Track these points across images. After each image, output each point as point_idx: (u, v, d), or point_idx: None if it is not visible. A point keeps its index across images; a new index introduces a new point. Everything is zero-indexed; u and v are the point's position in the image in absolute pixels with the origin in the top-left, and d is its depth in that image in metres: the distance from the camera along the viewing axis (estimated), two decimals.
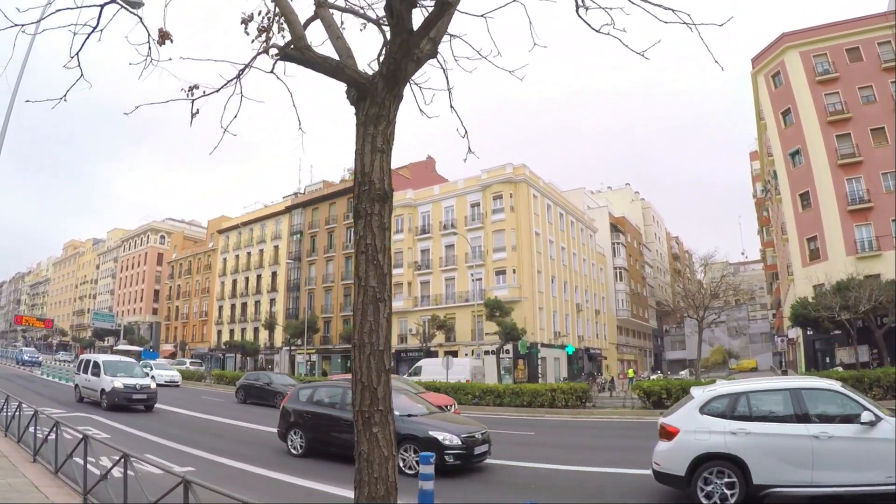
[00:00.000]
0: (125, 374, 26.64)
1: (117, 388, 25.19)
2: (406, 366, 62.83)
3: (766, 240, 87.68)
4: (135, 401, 25.76)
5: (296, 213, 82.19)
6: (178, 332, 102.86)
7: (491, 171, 62.47)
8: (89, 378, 27.05)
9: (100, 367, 26.46)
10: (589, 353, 72.96)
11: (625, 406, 29.44)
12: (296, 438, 15.94)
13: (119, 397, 25.18)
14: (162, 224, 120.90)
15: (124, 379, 25.87)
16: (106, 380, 25.60)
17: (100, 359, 27.85)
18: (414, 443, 13.50)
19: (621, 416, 26.95)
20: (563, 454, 16.46)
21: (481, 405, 31.53)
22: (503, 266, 59.42)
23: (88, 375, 27.25)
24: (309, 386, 17.89)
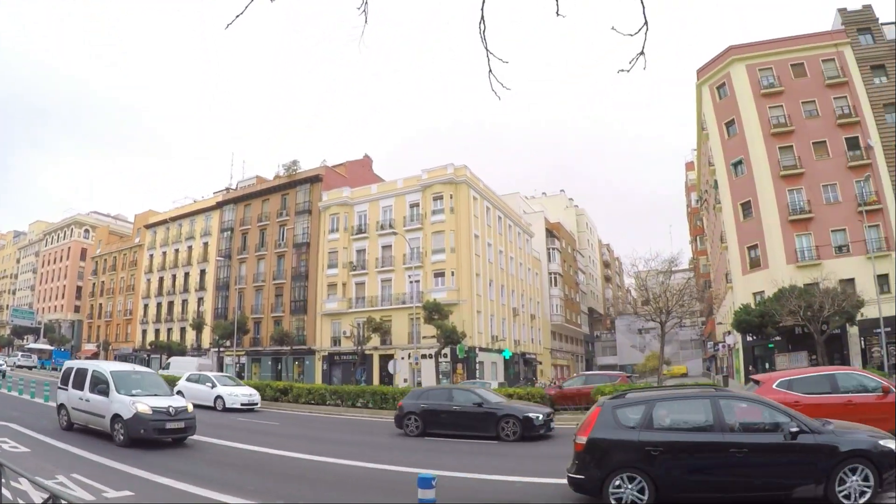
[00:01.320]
0: (146, 390, 18.21)
1: (143, 413, 16.52)
2: (339, 369, 60.39)
3: (700, 248, 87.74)
4: (169, 431, 17.32)
5: (227, 208, 77.92)
6: (101, 331, 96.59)
7: (432, 171, 60.03)
8: (88, 397, 18.22)
9: (108, 383, 17.66)
10: (525, 358, 70.84)
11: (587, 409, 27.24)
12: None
13: (147, 427, 16.58)
14: (87, 217, 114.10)
15: (150, 399, 17.30)
16: (121, 401, 17.01)
17: (104, 369, 18.66)
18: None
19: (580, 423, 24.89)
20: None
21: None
22: (442, 268, 56.82)
23: (86, 393, 18.33)
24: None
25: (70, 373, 20.14)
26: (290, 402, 36.21)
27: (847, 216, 47.44)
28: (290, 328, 65.17)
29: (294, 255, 68.18)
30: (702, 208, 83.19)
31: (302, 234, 67.90)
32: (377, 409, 31.93)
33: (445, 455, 17.53)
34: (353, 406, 33.47)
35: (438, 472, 11.05)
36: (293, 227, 69.07)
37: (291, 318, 66.85)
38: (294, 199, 70.28)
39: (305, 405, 35.04)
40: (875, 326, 39.03)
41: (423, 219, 59.26)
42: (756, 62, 53.66)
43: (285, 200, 71.65)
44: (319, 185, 68.20)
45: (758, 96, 52.53)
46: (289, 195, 71.35)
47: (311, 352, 63.89)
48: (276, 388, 38.16)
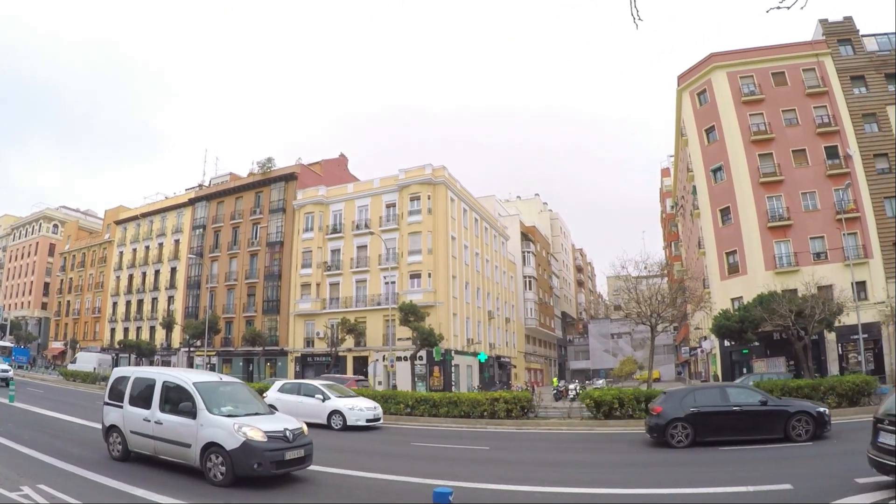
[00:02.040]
0: (242, 407, 13.36)
1: (256, 441, 11.76)
2: (312, 371, 59.08)
3: (675, 254, 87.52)
4: (288, 463, 12.29)
5: (199, 205, 75.93)
6: (68, 328, 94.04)
7: (409, 171, 58.78)
8: (159, 418, 13.04)
9: (193, 399, 12.57)
10: (500, 362, 69.72)
11: (570, 416, 26.38)
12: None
13: (263, 460, 11.71)
14: (56, 212, 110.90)
15: (257, 421, 12.55)
16: (219, 424, 12.11)
17: (183, 379, 13.32)
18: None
19: (570, 428, 24.34)
20: (542, 473, 14.69)
21: (414, 415, 28.18)
22: (418, 269, 55.59)
23: (154, 412, 13.19)
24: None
25: (124, 384, 14.46)
26: None
27: (825, 224, 47.87)
28: (262, 328, 63.53)
29: (267, 254, 66.56)
30: (677, 214, 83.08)
31: (276, 233, 66.34)
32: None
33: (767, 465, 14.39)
34: None
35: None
36: (267, 225, 67.49)
37: (264, 318, 65.23)
38: (268, 197, 68.67)
39: None
40: (851, 333, 39.65)
41: (399, 219, 58.05)
42: (737, 70, 53.90)
43: (259, 198, 70.06)
44: (294, 183, 66.74)
45: (738, 103, 52.70)
46: (263, 193, 69.71)
47: (284, 353, 62.41)
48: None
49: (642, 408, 23.60)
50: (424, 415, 27.95)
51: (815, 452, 15.82)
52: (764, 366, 43.98)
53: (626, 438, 20.77)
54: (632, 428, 22.52)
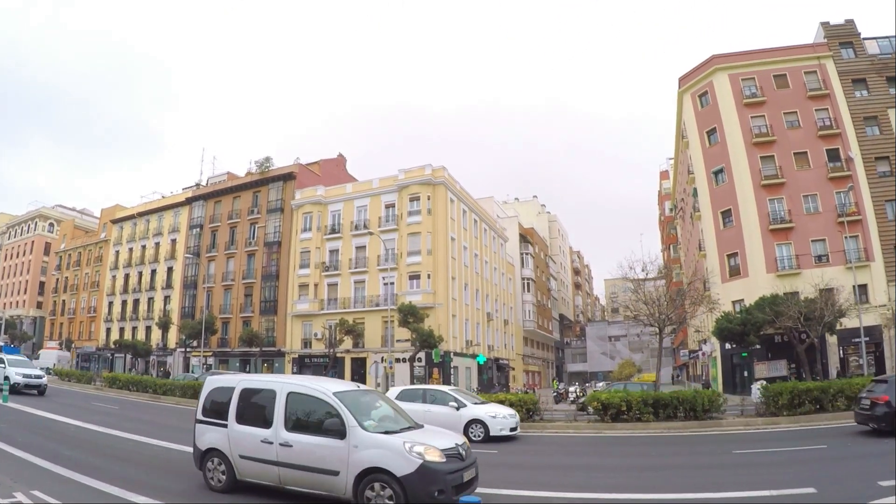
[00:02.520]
0: (393, 422, 11.09)
1: (434, 463, 9.56)
2: (310, 371, 58.68)
3: (674, 256, 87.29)
4: (466, 486, 10.07)
5: (196, 205, 75.52)
6: (63, 328, 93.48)
7: (409, 171, 58.43)
8: (286, 439, 10.49)
9: (339, 413, 10.20)
10: (498, 364, 69.45)
11: (576, 419, 25.87)
12: None
13: (445, 486, 9.50)
14: (52, 211, 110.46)
15: (419, 436, 10.36)
16: (388, 444, 9.85)
17: (319, 389, 10.85)
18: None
19: (577, 431, 23.78)
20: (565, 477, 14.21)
21: None
22: (417, 270, 55.24)
23: (278, 431, 10.62)
24: None
25: (226, 397, 11.74)
26: None
27: (827, 226, 47.71)
28: (259, 329, 63.03)
29: (265, 254, 66.14)
30: (676, 217, 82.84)
31: (273, 233, 65.92)
32: None
33: None
34: None
35: None
36: (264, 225, 67.04)
37: (261, 318, 64.76)
38: (266, 197, 68.25)
39: None
40: (853, 336, 39.55)
41: (398, 220, 57.66)
42: (739, 72, 53.76)
43: (257, 198, 69.67)
44: (292, 182, 66.34)
45: (740, 106, 52.60)
46: (261, 193, 69.31)
47: (281, 353, 61.91)
48: None
49: (650, 410, 23.40)
50: None
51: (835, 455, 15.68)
52: (766, 369, 43.87)
53: (636, 441, 20.52)
54: (640, 431, 22.26)
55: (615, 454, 18.17)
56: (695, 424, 23.02)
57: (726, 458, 16.18)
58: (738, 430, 22.43)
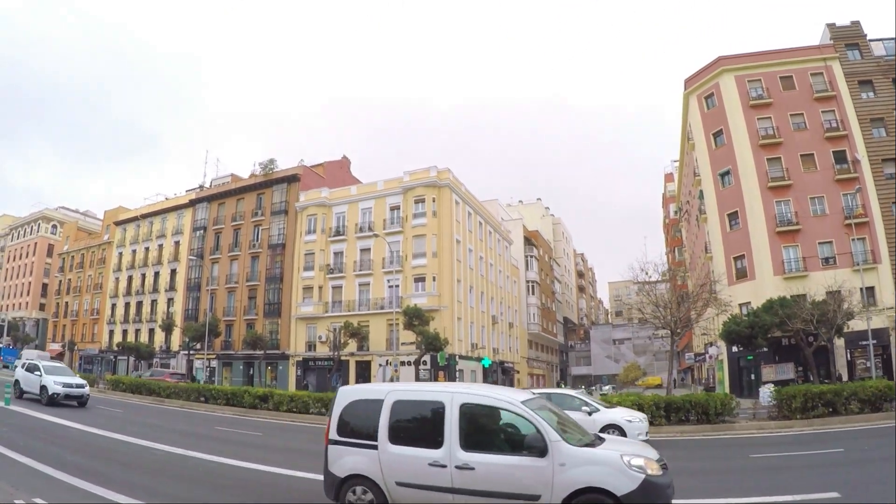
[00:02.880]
0: (576, 432, 9.55)
1: (655, 477, 8.27)
2: (314, 375, 58.50)
3: (678, 259, 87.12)
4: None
5: (200, 207, 75.40)
6: (66, 330, 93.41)
7: (414, 173, 58.33)
8: (466, 459, 8.68)
9: (536, 426, 8.55)
10: (503, 367, 69.19)
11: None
12: None
13: (668, 501, 8.44)
14: (55, 212, 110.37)
15: (632, 448, 9.11)
16: (604, 460, 8.40)
17: (507, 400, 9.16)
18: None
19: None
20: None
21: None
22: (422, 273, 55.05)
23: (456, 452, 8.77)
24: None
25: (372, 410, 9.76)
26: (271, 410, 33.42)
27: (834, 228, 47.75)
28: (263, 331, 62.72)
29: (269, 257, 66.04)
30: (681, 219, 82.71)
31: (277, 235, 65.82)
32: None
33: None
34: None
35: None
36: (269, 227, 66.94)
37: (265, 321, 64.58)
38: (270, 199, 68.18)
39: (287, 413, 32.47)
40: (860, 339, 39.43)
41: (403, 222, 57.55)
42: (745, 73, 53.87)
43: (261, 200, 69.58)
44: (297, 184, 66.22)
45: (746, 107, 52.70)
46: (265, 195, 69.22)
47: (285, 356, 61.71)
48: (256, 395, 35.03)
49: (662, 414, 23.49)
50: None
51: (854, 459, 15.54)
52: (773, 372, 43.82)
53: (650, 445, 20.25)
54: (652, 435, 21.71)
55: None
56: (707, 428, 22.96)
57: (745, 462, 16.02)
58: (752, 433, 22.31)
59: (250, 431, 24.69)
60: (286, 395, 34.33)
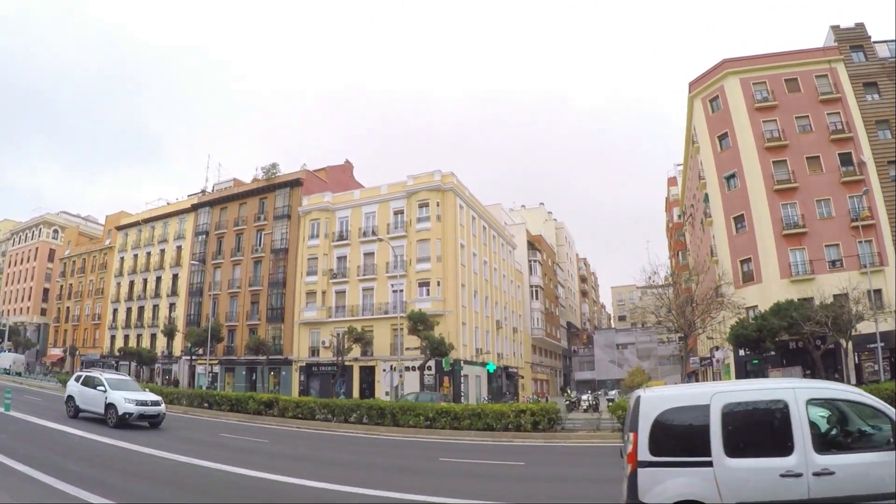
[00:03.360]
0: None
1: None
2: (317, 381, 58.36)
3: (682, 263, 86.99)
4: None
5: (202, 211, 75.57)
6: (67, 335, 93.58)
7: (418, 177, 58.34)
8: (826, 463, 7.61)
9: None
10: (507, 372, 69.16)
11: (599, 429, 25.58)
12: None
13: None
14: (56, 217, 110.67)
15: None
16: None
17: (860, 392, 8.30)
18: None
19: (603, 441, 23.21)
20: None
21: (434, 428, 27.07)
22: (427, 277, 54.99)
23: (827, 455, 7.69)
24: None
25: (700, 419, 8.24)
26: (276, 417, 33.08)
27: (840, 231, 47.65)
28: (266, 337, 62.62)
29: (272, 261, 66.07)
30: (685, 223, 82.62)
31: (280, 240, 65.80)
32: (373, 424, 29.10)
33: None
34: (346, 422, 30.41)
35: None
36: (271, 231, 66.96)
37: (268, 326, 64.50)
38: (273, 204, 68.23)
39: (292, 420, 31.98)
40: (868, 341, 39.55)
41: (407, 226, 57.50)
42: (750, 76, 53.81)
43: (263, 204, 69.61)
44: (300, 189, 66.28)
45: (751, 110, 52.61)
46: (267, 199, 69.28)
47: (288, 362, 61.62)
48: (261, 401, 34.75)
49: None
50: (446, 427, 26.72)
51: None
52: (780, 375, 43.57)
53: None
54: None
55: None
56: None
57: None
58: None
59: (256, 438, 24.33)
60: (292, 401, 33.98)
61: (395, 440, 25.28)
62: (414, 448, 22.64)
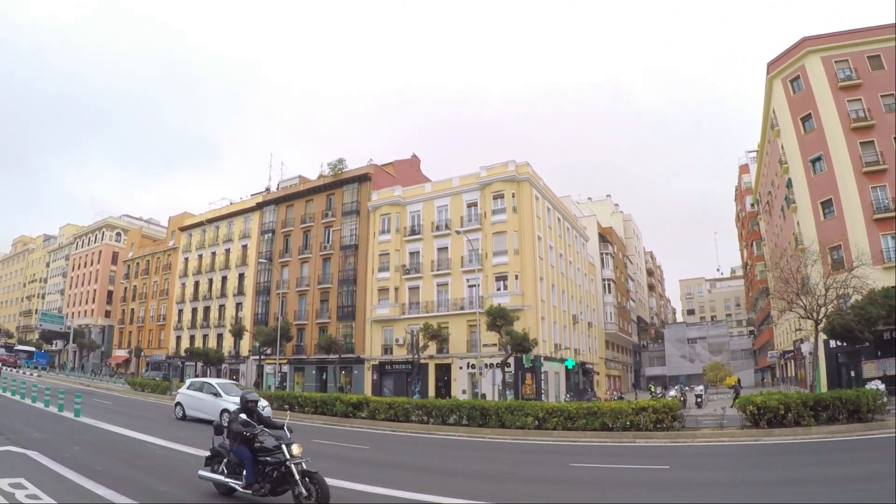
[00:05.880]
0: None
1: None
2: (391, 379, 59.01)
3: (757, 254, 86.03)
4: None
5: (267, 210, 77.35)
6: (132, 336, 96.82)
7: (491, 168, 58.42)
8: None
9: None
10: (584, 368, 69.43)
11: (722, 426, 24.84)
12: None
13: None
14: (119, 220, 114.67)
15: None
16: None
17: None
18: None
19: (732, 439, 22.48)
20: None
21: (544, 429, 26.14)
22: (504, 271, 54.93)
23: None
24: None
25: None
26: (366, 419, 31.93)
27: None
28: (337, 335, 63.20)
29: (341, 258, 67.07)
30: (760, 211, 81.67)
31: (350, 236, 66.81)
32: (475, 427, 28.02)
33: None
34: (445, 423, 29.29)
35: None
36: (340, 228, 68.05)
37: (338, 324, 65.37)
38: (340, 199, 69.34)
39: (385, 422, 30.91)
40: None
41: (482, 219, 57.46)
42: (831, 54, 52.74)
43: (331, 201, 70.84)
44: (368, 184, 67.15)
45: (835, 89, 51.45)
46: (335, 195, 70.47)
47: (360, 360, 62.20)
48: (349, 403, 33.63)
49: (810, 413, 22.43)
50: (557, 428, 25.91)
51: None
52: (874, 368, 42.98)
53: (808, 449, 19.10)
54: (801, 437, 21.26)
55: (808, 464, 16.60)
56: (860, 427, 21.87)
57: None
58: None
59: (354, 444, 23.18)
60: (384, 402, 32.94)
61: (506, 444, 24.11)
62: (534, 452, 21.41)
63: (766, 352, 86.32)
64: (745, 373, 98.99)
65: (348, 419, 32.55)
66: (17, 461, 14.52)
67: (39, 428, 21.81)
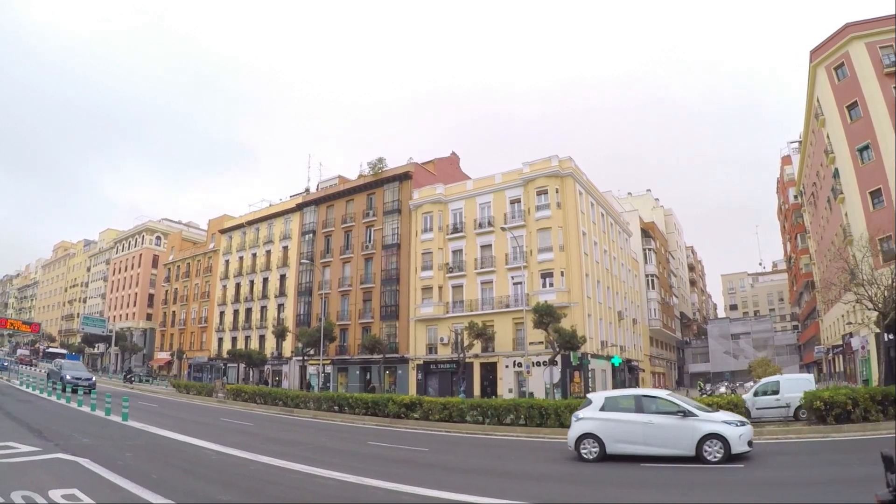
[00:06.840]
0: None
1: None
2: (435, 379, 59.52)
3: (802, 247, 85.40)
4: None
5: (308, 210, 78.45)
6: (174, 339, 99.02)
7: (534, 163, 58.59)
8: None
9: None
10: (629, 366, 69.55)
11: (788, 423, 24.89)
12: None
13: None
14: (158, 224, 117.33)
15: None
16: None
17: None
18: None
19: (799, 436, 22.28)
20: None
21: None
22: (550, 268, 54.96)
23: None
24: None
25: None
26: (419, 420, 31.91)
27: None
28: (380, 335, 63.49)
29: (383, 257, 67.70)
30: (804, 203, 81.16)
31: (392, 235, 67.41)
32: (534, 427, 27.64)
33: None
34: (501, 424, 28.97)
35: None
36: (381, 227, 68.67)
37: (382, 324, 65.87)
38: (381, 199, 70.00)
39: (438, 423, 30.72)
40: None
41: (526, 215, 57.52)
42: (876, 40, 51.98)
43: (371, 200, 71.60)
44: (409, 182, 67.64)
45: (881, 75, 50.74)
46: (375, 194, 71.19)
47: (405, 360, 62.61)
48: (401, 404, 33.66)
49: (879, 409, 22.15)
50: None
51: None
52: None
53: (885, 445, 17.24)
54: (870, 433, 20.94)
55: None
56: None
57: None
58: None
59: (412, 447, 22.72)
60: (438, 403, 32.62)
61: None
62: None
63: (811, 347, 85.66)
64: (790, 369, 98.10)
65: (400, 420, 32.63)
66: (68, 470, 14.14)
67: (87, 433, 21.74)
